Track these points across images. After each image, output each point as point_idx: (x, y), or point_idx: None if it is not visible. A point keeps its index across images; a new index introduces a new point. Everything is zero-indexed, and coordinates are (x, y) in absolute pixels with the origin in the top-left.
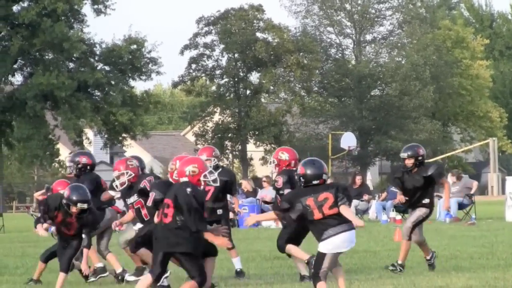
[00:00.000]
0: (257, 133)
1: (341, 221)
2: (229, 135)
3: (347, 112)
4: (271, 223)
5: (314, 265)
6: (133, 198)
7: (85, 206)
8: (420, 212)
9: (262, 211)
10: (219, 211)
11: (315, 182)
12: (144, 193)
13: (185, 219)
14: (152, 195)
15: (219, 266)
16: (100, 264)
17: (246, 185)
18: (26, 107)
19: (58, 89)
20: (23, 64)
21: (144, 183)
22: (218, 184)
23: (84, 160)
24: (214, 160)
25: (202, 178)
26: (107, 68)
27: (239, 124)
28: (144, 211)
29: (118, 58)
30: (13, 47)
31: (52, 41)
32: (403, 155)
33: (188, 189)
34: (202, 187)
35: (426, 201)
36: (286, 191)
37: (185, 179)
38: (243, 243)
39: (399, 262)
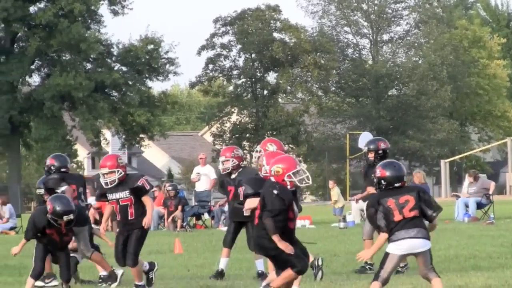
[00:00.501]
0: (274, 133)
1: (416, 225)
2: (247, 135)
3: (365, 112)
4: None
5: (380, 263)
6: (121, 195)
7: (71, 216)
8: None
9: None
10: (245, 212)
11: (396, 184)
12: (136, 192)
13: (263, 220)
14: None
15: (238, 266)
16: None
17: None
18: (43, 108)
19: (76, 89)
20: (41, 65)
21: (142, 182)
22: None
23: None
24: (233, 160)
25: (286, 179)
26: (124, 68)
27: (256, 124)
28: (131, 210)
29: (135, 59)
30: (30, 48)
31: (69, 42)
32: (365, 148)
33: (275, 191)
34: (289, 187)
35: None
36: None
37: (273, 178)
38: None
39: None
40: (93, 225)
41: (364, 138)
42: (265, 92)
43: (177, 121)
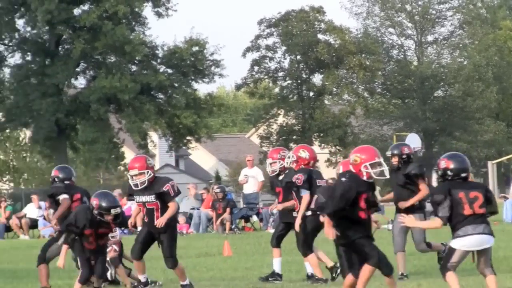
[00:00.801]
0: (321, 135)
1: (483, 221)
2: (294, 137)
3: (411, 113)
4: None
5: (444, 258)
6: (148, 198)
7: (118, 210)
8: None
9: None
10: (294, 213)
11: (463, 175)
12: (161, 197)
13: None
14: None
15: (287, 268)
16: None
17: None
18: (90, 110)
19: (121, 92)
20: (86, 67)
21: (168, 187)
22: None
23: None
24: (280, 162)
25: (363, 169)
26: (169, 70)
27: (303, 126)
28: (157, 214)
29: (180, 61)
30: (75, 50)
31: (113, 44)
32: (388, 153)
33: (343, 179)
34: (365, 177)
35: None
36: (304, 191)
37: (351, 167)
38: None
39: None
40: (140, 227)
41: (411, 140)
42: (311, 93)
43: (224, 123)
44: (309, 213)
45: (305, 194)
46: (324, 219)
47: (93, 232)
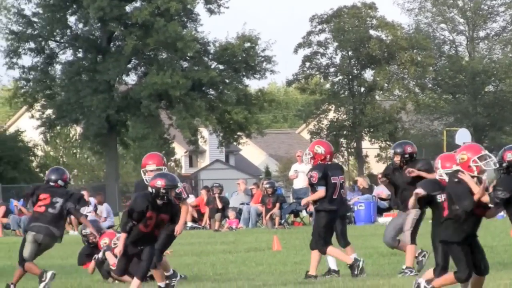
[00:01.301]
0: (372, 130)
1: None
2: (344, 132)
3: (462, 109)
4: (388, 219)
5: None
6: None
7: (180, 187)
8: (412, 215)
9: (378, 208)
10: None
11: None
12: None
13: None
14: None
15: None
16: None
17: (362, 182)
18: (140, 107)
19: (173, 88)
20: (137, 63)
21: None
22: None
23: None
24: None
25: (472, 164)
26: (221, 66)
27: (354, 121)
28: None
29: (232, 57)
30: (127, 47)
31: (165, 41)
32: (391, 151)
33: (455, 179)
34: (476, 172)
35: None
36: (320, 187)
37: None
38: (359, 239)
39: (407, 265)
40: (190, 223)
41: (461, 135)
42: (362, 89)
43: (274, 119)
44: (315, 205)
45: (321, 189)
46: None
47: (154, 215)
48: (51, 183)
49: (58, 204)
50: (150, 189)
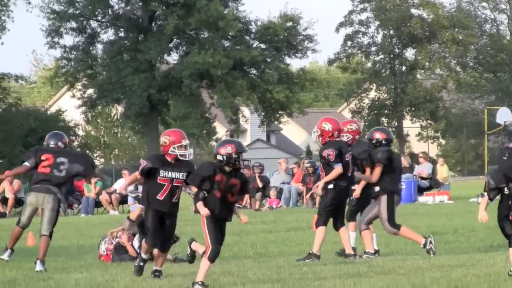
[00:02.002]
0: (413, 109)
1: None
2: (385, 111)
3: (503, 87)
4: (428, 198)
5: None
6: (177, 175)
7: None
8: (383, 204)
9: (419, 187)
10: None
11: None
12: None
13: None
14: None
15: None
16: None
17: (403, 161)
18: (182, 86)
19: (214, 67)
20: (179, 43)
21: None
22: None
23: (66, 139)
24: (347, 135)
25: None
26: (262, 46)
27: (395, 100)
28: (178, 193)
29: (274, 36)
30: (168, 26)
31: (207, 20)
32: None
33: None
34: None
35: (376, 188)
36: (337, 164)
37: None
38: (400, 219)
39: (367, 250)
40: None
41: (502, 113)
42: (403, 68)
43: (316, 98)
44: (331, 186)
45: (338, 167)
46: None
47: (224, 178)
48: (52, 146)
49: (64, 167)
50: (219, 157)
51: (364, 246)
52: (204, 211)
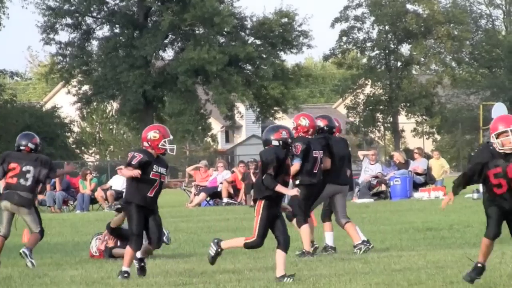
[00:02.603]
0: (408, 105)
1: None
2: (381, 107)
3: (498, 83)
4: (424, 194)
5: None
6: (163, 171)
7: None
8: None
9: (414, 183)
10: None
11: None
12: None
13: None
14: None
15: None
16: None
17: (398, 157)
18: (177, 82)
19: (209, 63)
20: (174, 39)
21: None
22: None
23: (38, 140)
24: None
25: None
26: (258, 42)
27: (390, 96)
28: (161, 188)
29: (269, 32)
30: (164, 22)
31: (202, 16)
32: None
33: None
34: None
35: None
36: (297, 160)
37: None
38: (395, 214)
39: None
40: (226, 199)
41: (497, 109)
42: (399, 64)
43: (311, 94)
44: (297, 181)
45: (296, 163)
46: None
47: (285, 163)
48: (22, 148)
49: (30, 174)
50: (275, 142)
51: (352, 240)
52: (292, 191)
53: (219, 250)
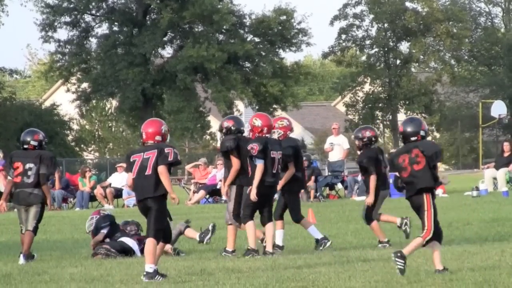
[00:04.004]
0: (407, 102)
1: None
2: (380, 104)
3: (497, 81)
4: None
5: None
6: None
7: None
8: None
9: None
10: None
11: None
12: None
13: None
14: None
15: (364, 236)
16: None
17: None
18: (176, 80)
19: (208, 61)
20: (173, 37)
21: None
22: None
23: (40, 136)
24: (278, 131)
25: None
26: (256, 39)
27: (389, 93)
28: None
29: (268, 29)
30: (163, 20)
31: (201, 14)
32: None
33: None
34: None
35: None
36: (259, 160)
37: None
38: (394, 212)
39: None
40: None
41: (497, 107)
42: (398, 61)
43: (310, 92)
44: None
45: (260, 164)
46: None
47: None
48: (25, 146)
49: (32, 172)
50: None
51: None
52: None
53: (405, 259)
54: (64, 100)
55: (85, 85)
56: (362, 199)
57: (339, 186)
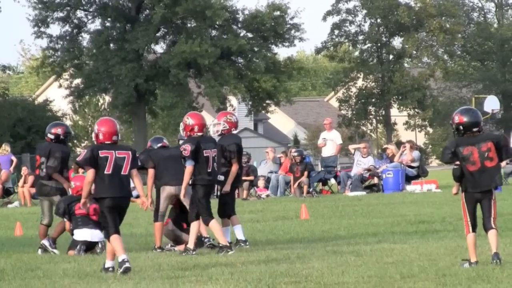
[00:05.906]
0: (400, 97)
1: None
2: (373, 100)
3: (490, 76)
4: (416, 187)
5: None
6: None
7: None
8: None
9: (407, 176)
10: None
11: None
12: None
13: None
14: None
15: (360, 230)
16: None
17: (393, 150)
18: (169, 75)
19: (201, 57)
20: (166, 32)
21: None
22: None
23: (59, 130)
24: (223, 124)
25: None
26: (249, 35)
27: (382, 89)
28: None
29: (261, 25)
30: (155, 16)
31: (194, 9)
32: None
33: None
34: None
35: None
36: (189, 162)
37: None
38: (387, 207)
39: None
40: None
41: (490, 102)
42: (391, 57)
43: (303, 87)
44: (190, 182)
45: (189, 166)
46: None
47: None
48: (45, 138)
49: (43, 166)
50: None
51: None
52: None
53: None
54: (57, 96)
55: (78, 81)
56: (355, 194)
57: (332, 181)
